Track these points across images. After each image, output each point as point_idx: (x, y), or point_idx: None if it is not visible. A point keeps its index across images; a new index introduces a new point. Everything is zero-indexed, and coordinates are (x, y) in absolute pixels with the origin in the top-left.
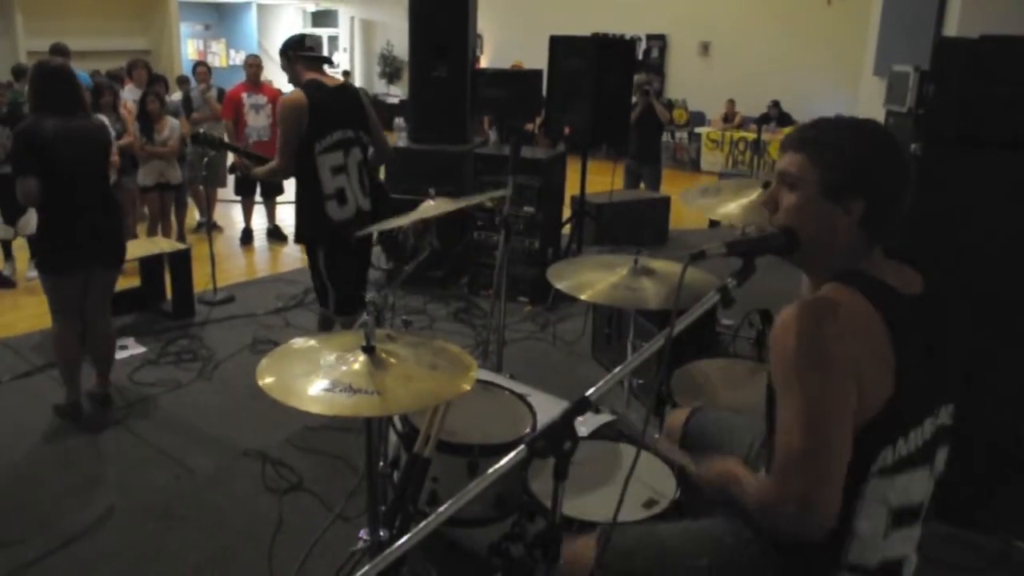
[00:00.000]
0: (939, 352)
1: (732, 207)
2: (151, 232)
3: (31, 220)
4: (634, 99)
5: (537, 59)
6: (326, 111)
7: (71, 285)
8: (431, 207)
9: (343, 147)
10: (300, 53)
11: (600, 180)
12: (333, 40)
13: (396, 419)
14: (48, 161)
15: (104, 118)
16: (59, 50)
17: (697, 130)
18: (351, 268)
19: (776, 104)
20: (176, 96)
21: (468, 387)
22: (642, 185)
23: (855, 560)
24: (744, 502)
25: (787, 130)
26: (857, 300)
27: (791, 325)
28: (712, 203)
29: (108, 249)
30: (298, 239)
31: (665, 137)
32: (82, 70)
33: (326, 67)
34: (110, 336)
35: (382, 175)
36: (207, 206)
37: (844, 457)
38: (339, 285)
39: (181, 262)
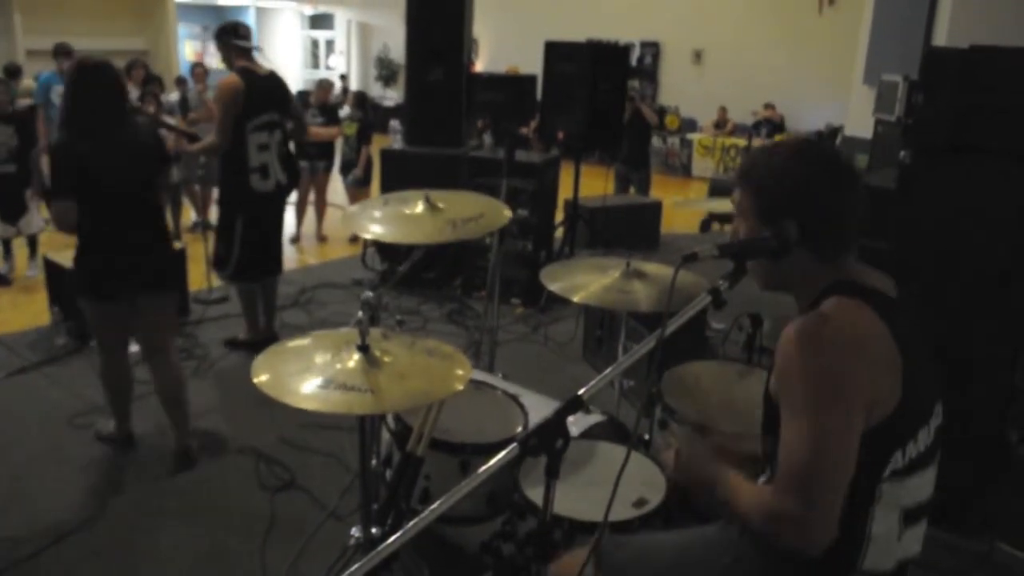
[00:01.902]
0: (927, 350)
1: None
2: None
3: (33, 219)
4: None
5: (532, 64)
6: (257, 95)
7: (116, 312)
8: (425, 220)
9: (268, 128)
10: (234, 41)
11: (593, 184)
12: (330, 43)
13: (389, 417)
14: (88, 181)
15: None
16: (63, 51)
17: (689, 136)
18: (264, 237)
19: (772, 106)
20: (173, 96)
21: (461, 386)
22: (632, 189)
23: (871, 566)
24: (741, 513)
25: (778, 136)
26: (864, 312)
27: (809, 345)
28: (709, 204)
29: (154, 270)
30: (221, 212)
31: (657, 142)
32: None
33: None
34: (175, 377)
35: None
36: (202, 205)
37: (847, 478)
38: (247, 251)
39: (176, 261)
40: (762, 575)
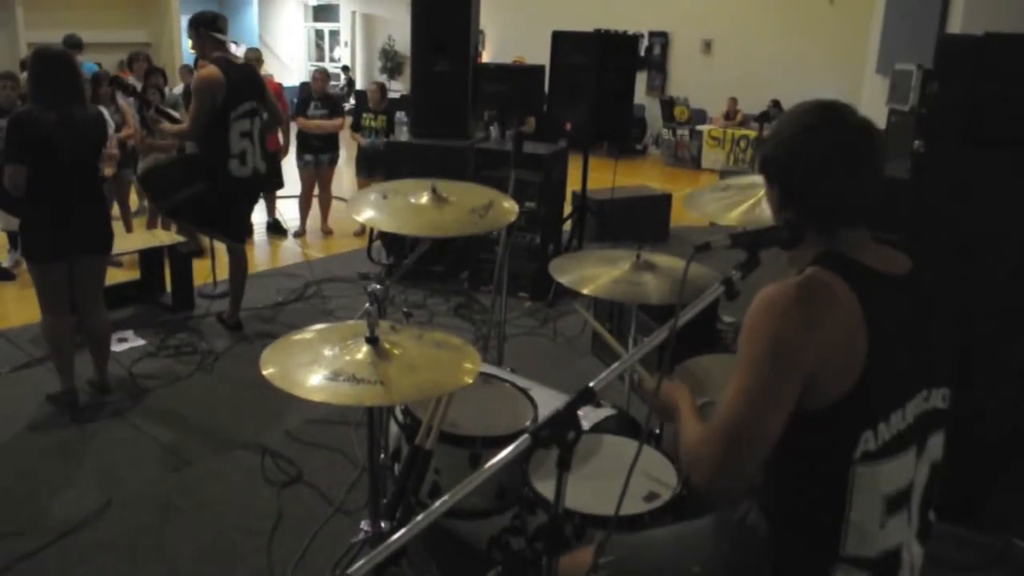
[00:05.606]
0: (922, 334)
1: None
2: (151, 224)
3: None
4: None
5: (539, 55)
6: (238, 84)
7: (58, 273)
8: (432, 212)
9: (250, 116)
10: (212, 33)
11: (601, 177)
12: (334, 35)
13: (398, 411)
14: (44, 152)
15: (103, 109)
16: (72, 43)
17: (699, 128)
18: (223, 202)
19: (777, 104)
20: (177, 89)
21: (470, 379)
22: None
23: (853, 552)
24: (682, 442)
25: None
26: (835, 286)
27: (765, 310)
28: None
29: (95, 235)
30: (184, 169)
31: (667, 134)
32: (90, 62)
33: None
34: (105, 324)
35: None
36: None
37: (768, 440)
38: (193, 204)
39: (181, 255)
40: (754, 559)
